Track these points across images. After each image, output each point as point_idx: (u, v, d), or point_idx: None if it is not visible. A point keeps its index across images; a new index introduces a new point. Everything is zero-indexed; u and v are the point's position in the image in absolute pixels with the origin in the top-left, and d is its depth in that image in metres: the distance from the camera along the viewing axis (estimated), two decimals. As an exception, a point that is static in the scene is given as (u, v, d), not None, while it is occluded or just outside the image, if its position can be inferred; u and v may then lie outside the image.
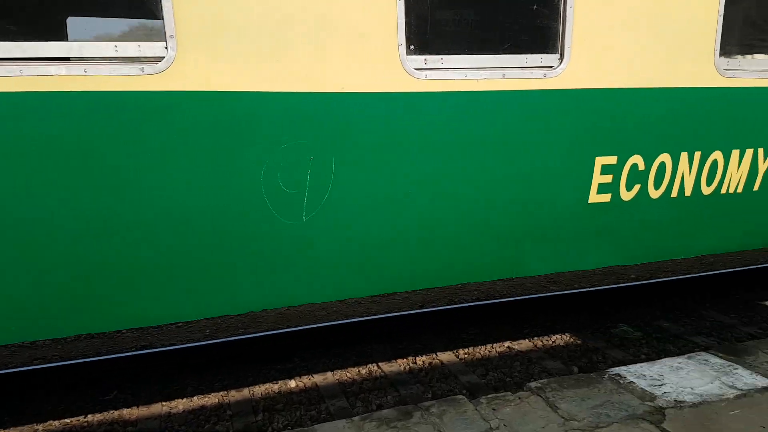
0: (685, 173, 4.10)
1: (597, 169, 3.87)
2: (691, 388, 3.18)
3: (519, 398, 3.13)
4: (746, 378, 3.32)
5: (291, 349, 5.24)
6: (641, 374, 3.36)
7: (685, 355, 3.67)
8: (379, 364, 5.03)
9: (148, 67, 2.78)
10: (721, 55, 3.91)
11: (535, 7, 3.54)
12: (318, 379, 4.80)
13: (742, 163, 4.23)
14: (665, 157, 3.98)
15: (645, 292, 6.54)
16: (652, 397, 3.10)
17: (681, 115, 3.94)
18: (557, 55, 3.62)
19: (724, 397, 3.09)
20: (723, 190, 4.27)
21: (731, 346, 3.88)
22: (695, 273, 7.22)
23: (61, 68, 2.65)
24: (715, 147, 4.10)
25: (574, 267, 4.07)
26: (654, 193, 4.08)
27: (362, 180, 3.31)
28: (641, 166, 3.95)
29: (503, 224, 3.77)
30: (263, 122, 3.05)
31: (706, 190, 4.23)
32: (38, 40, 2.67)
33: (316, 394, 4.60)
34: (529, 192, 3.76)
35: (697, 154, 4.08)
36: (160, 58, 2.81)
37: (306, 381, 4.78)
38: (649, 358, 5.01)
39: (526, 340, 5.50)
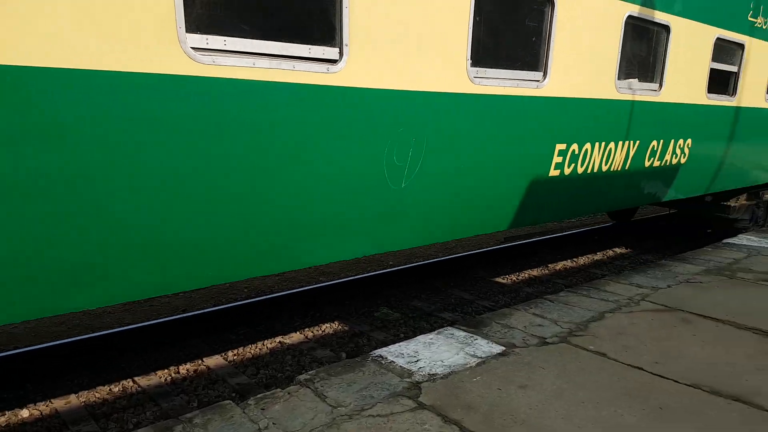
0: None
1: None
2: (442, 361, 3.50)
3: (289, 393, 3.08)
4: (484, 347, 3.78)
5: (22, 374, 4.42)
6: (400, 353, 3.59)
7: (436, 331, 4.03)
8: (135, 378, 4.54)
9: (332, 67, 3.53)
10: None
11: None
12: (59, 403, 4.13)
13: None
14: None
15: (402, 276, 7.09)
16: (410, 374, 3.32)
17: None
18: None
19: (467, 366, 3.46)
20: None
21: (472, 320, 4.39)
22: (441, 257, 8.08)
23: (282, 63, 3.29)
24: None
25: (351, 254, 4.19)
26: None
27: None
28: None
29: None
30: (391, 112, 3.90)
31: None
32: (263, 39, 3.22)
33: (57, 421, 3.95)
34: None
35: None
36: (336, 61, 3.55)
37: (43, 408, 4.07)
38: (407, 336, 5.42)
39: (297, 332, 5.51)
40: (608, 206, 6.72)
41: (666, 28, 6.07)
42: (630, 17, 5.55)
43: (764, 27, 7.66)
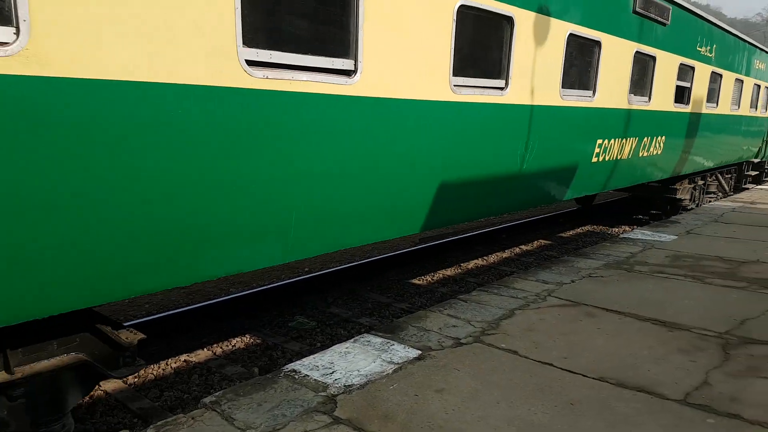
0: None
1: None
2: (358, 371, 3.40)
3: (193, 418, 2.86)
4: (401, 352, 3.72)
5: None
6: (314, 366, 3.45)
7: (352, 339, 3.93)
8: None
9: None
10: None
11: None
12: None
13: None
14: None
15: (318, 282, 6.93)
16: (325, 387, 3.20)
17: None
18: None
19: (384, 374, 3.39)
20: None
21: (389, 325, 4.33)
22: (357, 261, 8.00)
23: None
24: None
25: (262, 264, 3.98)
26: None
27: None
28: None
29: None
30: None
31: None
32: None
33: None
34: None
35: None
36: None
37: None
38: (325, 345, 5.28)
39: (205, 349, 5.22)
40: (573, 194, 7.64)
41: (653, 58, 8.53)
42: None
43: (706, 54, 10.57)
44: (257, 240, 3.62)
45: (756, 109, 14.87)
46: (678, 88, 9.68)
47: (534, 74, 5.90)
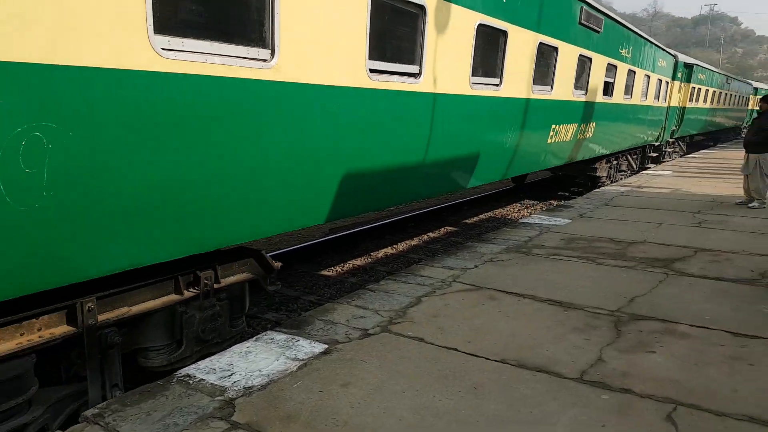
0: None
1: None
2: (260, 371, 3.25)
3: (73, 435, 2.59)
4: (306, 348, 3.61)
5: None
6: (211, 369, 3.26)
7: (254, 338, 3.77)
8: None
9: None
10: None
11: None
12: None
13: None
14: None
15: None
16: (223, 390, 3.03)
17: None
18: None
19: (288, 372, 3.26)
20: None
21: (294, 320, 4.20)
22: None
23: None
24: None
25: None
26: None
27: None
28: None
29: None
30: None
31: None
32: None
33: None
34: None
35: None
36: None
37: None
38: (229, 345, 5.05)
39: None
40: (502, 175, 8.26)
41: (589, 59, 10.38)
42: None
43: (625, 55, 12.51)
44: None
45: (658, 99, 16.91)
46: (605, 83, 11.59)
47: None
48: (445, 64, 5.96)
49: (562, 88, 9.54)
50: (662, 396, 3.06)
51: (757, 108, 10.07)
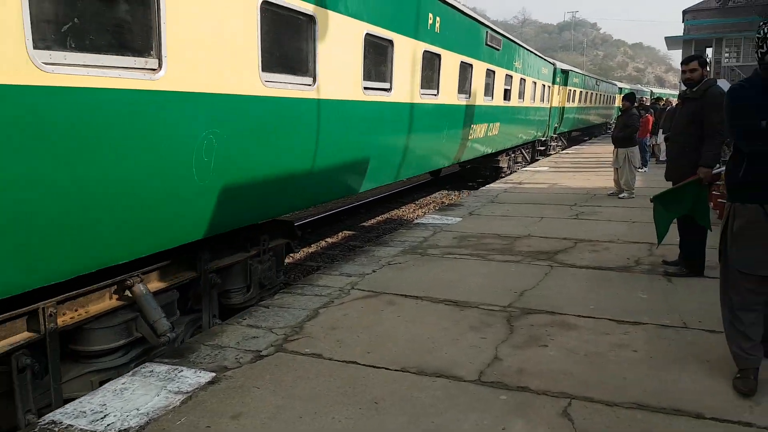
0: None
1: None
2: (137, 409, 2.91)
3: None
4: (191, 378, 3.30)
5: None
6: (81, 411, 2.86)
7: (130, 372, 3.39)
8: None
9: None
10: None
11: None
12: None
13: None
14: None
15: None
16: (94, 438, 2.67)
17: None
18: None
19: (171, 407, 2.95)
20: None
21: (176, 348, 3.85)
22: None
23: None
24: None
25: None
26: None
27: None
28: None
29: None
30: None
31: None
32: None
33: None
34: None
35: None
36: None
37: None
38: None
39: None
40: (394, 177, 8.36)
41: (493, 72, 12.46)
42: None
43: (518, 66, 14.60)
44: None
45: (543, 101, 19.53)
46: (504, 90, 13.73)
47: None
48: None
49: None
50: (557, 391, 3.12)
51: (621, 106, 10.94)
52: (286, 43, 5.24)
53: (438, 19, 8.46)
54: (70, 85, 3.02)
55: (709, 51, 33.81)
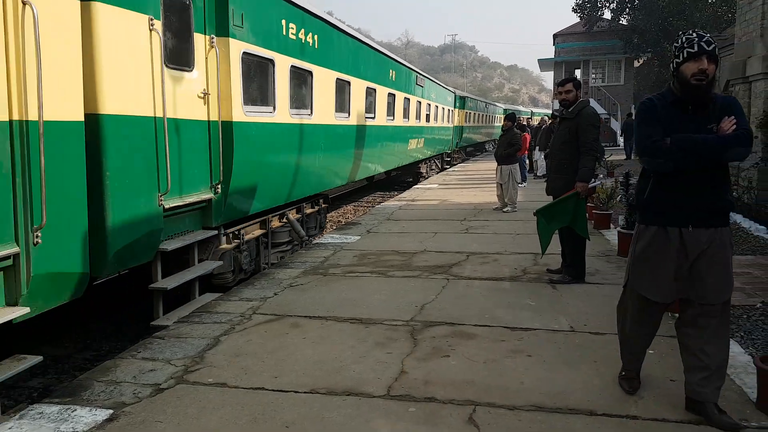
0: None
1: None
2: (26, 459, 2.67)
3: None
4: (86, 417, 3.08)
5: None
6: (-43, 471, 2.59)
7: (16, 416, 3.10)
8: None
9: None
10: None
11: None
12: None
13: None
14: None
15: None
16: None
17: None
18: None
19: (64, 453, 2.73)
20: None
21: (67, 386, 3.58)
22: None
23: None
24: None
25: None
26: None
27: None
28: None
29: None
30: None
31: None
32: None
33: None
34: None
35: None
36: None
37: None
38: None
39: None
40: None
41: (409, 99, 16.22)
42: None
43: (420, 91, 17.88)
44: None
45: (448, 122, 24.46)
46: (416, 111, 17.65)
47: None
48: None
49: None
50: (462, 399, 3.27)
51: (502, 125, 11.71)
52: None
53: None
54: None
55: (578, 72, 37.06)
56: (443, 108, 22.82)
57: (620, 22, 34.39)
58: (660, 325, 3.27)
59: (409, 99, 15.88)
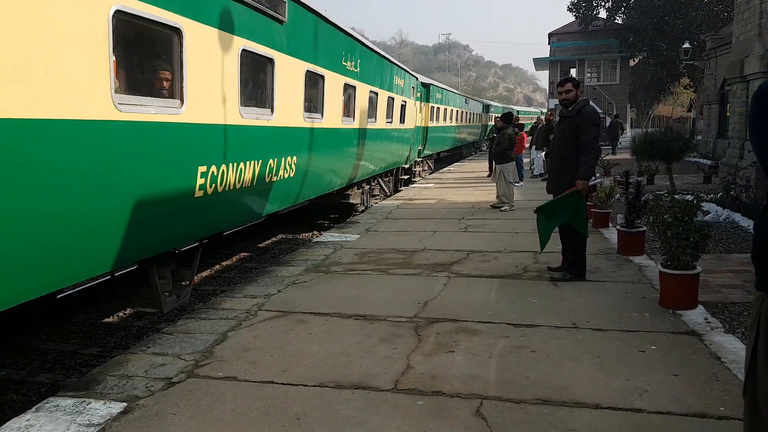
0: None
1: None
2: (46, 450, 2.73)
3: None
4: (101, 410, 3.14)
5: None
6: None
7: (33, 408, 3.16)
8: None
9: None
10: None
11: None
12: None
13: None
14: None
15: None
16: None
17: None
18: None
19: (84, 444, 2.80)
20: None
21: (81, 380, 3.64)
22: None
23: None
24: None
25: None
26: None
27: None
28: None
29: None
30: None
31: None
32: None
33: None
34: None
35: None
36: None
37: None
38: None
39: None
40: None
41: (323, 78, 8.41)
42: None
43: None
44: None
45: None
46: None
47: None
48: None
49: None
50: (469, 393, 3.36)
51: (494, 124, 11.73)
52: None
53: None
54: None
55: (573, 71, 37.20)
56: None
57: (615, 21, 34.60)
58: None
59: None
